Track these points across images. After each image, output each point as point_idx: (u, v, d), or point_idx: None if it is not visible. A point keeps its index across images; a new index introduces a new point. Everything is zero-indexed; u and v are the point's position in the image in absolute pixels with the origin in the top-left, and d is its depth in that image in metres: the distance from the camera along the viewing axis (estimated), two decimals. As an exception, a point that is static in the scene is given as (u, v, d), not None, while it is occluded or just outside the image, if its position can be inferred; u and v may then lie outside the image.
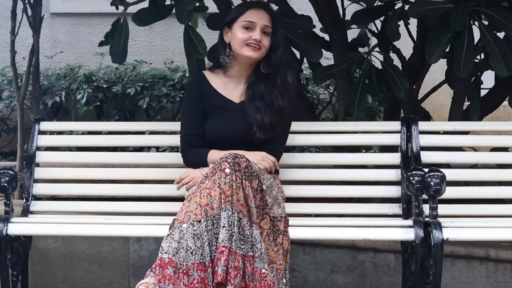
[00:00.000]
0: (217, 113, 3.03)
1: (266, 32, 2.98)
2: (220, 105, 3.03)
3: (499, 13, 3.27)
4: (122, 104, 5.54)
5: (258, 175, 2.71)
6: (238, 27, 2.98)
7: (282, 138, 3.09)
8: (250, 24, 2.97)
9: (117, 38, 3.52)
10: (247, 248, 2.60)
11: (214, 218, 2.61)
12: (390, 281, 3.59)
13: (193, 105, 3.06)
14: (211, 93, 3.05)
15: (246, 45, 2.97)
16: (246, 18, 2.98)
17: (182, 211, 2.65)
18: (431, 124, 3.81)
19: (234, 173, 2.63)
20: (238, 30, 2.98)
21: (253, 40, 2.95)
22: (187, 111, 3.10)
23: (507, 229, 2.94)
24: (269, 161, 2.94)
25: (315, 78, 3.70)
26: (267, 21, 2.98)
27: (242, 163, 2.67)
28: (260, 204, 2.70)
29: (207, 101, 3.04)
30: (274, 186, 2.85)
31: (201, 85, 3.08)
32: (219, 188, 2.62)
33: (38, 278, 3.77)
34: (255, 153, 2.91)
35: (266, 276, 2.60)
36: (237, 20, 2.99)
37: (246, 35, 2.96)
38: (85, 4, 6.44)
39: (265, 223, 2.71)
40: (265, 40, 2.98)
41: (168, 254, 2.55)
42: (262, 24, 2.97)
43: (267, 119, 2.96)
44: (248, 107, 2.99)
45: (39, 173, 3.38)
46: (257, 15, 2.98)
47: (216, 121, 3.02)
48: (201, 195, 2.64)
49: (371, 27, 4.15)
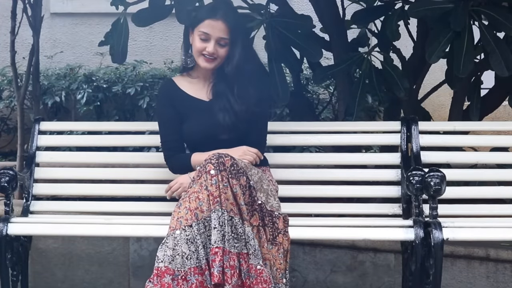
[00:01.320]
0: (191, 115, 3.05)
1: (222, 43, 2.98)
2: (192, 106, 3.06)
3: (499, 13, 3.26)
4: (122, 104, 5.54)
5: (245, 172, 2.71)
6: (197, 34, 3.00)
7: (262, 128, 3.10)
8: (205, 35, 2.98)
9: (117, 38, 3.53)
10: (241, 246, 2.61)
11: (205, 221, 2.63)
12: (390, 281, 3.59)
13: (166, 111, 3.09)
14: (181, 97, 3.08)
15: (201, 55, 2.99)
16: (202, 28, 2.98)
17: (174, 218, 2.67)
18: (431, 124, 3.81)
19: (219, 173, 2.64)
20: (196, 38, 3.01)
21: (206, 52, 2.98)
22: (161, 118, 3.13)
23: (507, 229, 2.94)
24: (251, 154, 2.95)
25: (315, 78, 3.70)
26: (223, 32, 2.97)
27: (227, 162, 2.68)
28: (249, 201, 2.70)
29: (179, 105, 3.07)
30: (264, 179, 2.85)
31: (170, 91, 3.11)
32: (207, 190, 2.64)
33: (38, 278, 3.77)
34: (236, 149, 2.93)
35: (261, 272, 2.61)
36: (196, 27, 3.01)
37: (201, 45, 2.98)
38: (85, 4, 6.44)
39: (254, 219, 2.71)
40: (220, 50, 2.99)
41: (164, 263, 2.57)
42: (217, 36, 2.97)
43: (228, 118, 2.97)
44: (214, 106, 3.02)
45: (39, 173, 3.38)
46: (212, 27, 2.97)
47: (192, 122, 3.04)
48: (190, 199, 2.67)
49: (371, 27, 4.14)
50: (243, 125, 3.00)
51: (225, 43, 2.99)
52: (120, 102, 5.54)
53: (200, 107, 3.06)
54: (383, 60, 3.66)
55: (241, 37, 3.04)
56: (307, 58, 3.64)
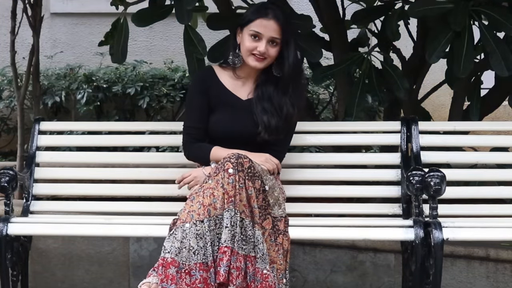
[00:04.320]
0: (223, 109, 3.02)
1: (274, 42, 2.96)
2: (226, 101, 3.03)
3: (499, 13, 3.26)
4: (122, 104, 5.54)
5: (260, 176, 2.72)
6: (247, 34, 2.97)
7: (286, 140, 3.10)
8: (257, 34, 2.95)
9: (117, 38, 3.52)
10: (249, 249, 2.60)
11: (217, 218, 2.61)
12: (390, 281, 3.59)
13: (198, 98, 3.04)
14: (218, 88, 3.04)
15: (251, 54, 2.96)
16: (253, 27, 2.95)
17: (185, 211, 2.65)
18: (431, 124, 3.81)
19: (237, 173, 2.64)
20: (246, 37, 2.97)
21: (257, 51, 2.94)
22: (191, 103, 3.08)
23: (507, 229, 2.94)
24: (272, 163, 2.94)
25: (315, 78, 3.70)
26: (275, 32, 2.95)
27: (245, 163, 2.67)
28: (262, 204, 2.70)
29: (213, 95, 3.03)
30: (275, 187, 2.85)
31: (208, 79, 3.06)
32: (222, 188, 2.63)
33: (38, 278, 3.77)
34: (259, 155, 2.92)
35: (267, 277, 2.61)
36: (247, 26, 2.97)
37: (252, 44, 2.95)
38: (85, 4, 6.43)
39: (267, 223, 2.71)
40: (271, 50, 2.96)
41: (171, 254, 2.56)
42: (269, 36, 2.94)
43: (273, 122, 2.96)
44: (255, 107, 2.99)
45: (39, 173, 3.38)
46: (264, 26, 2.94)
47: (221, 117, 3.01)
48: (204, 195, 2.65)
49: (371, 27, 4.14)
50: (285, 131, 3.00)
51: (277, 43, 2.96)
52: (120, 102, 5.54)
53: (234, 104, 3.02)
54: (383, 60, 3.66)
55: (292, 36, 3.02)
56: (307, 58, 3.63)
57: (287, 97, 2.99)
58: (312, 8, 4.05)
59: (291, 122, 3.02)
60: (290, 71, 2.98)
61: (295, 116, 3.00)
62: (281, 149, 3.05)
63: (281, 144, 3.05)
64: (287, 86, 2.99)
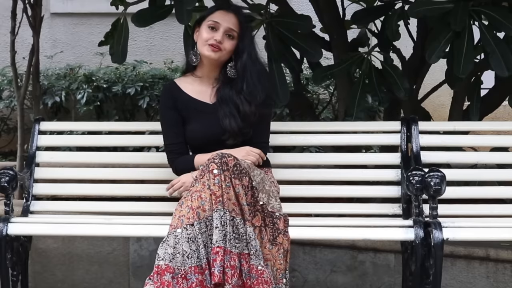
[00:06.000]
0: (194, 117, 3.04)
1: (231, 35, 2.99)
2: (195, 108, 3.05)
3: (499, 13, 3.26)
4: (122, 104, 5.55)
5: (247, 172, 2.72)
6: (205, 26, 3.01)
7: (264, 129, 3.10)
8: (215, 24, 2.98)
9: (117, 38, 3.53)
10: (242, 246, 2.61)
11: (207, 220, 2.63)
12: (390, 281, 3.59)
13: (169, 114, 3.08)
14: (184, 99, 3.07)
15: (207, 44, 2.98)
16: (212, 18, 3.00)
17: (175, 216, 2.67)
18: (431, 124, 3.81)
19: (222, 173, 2.65)
20: (204, 29, 3.01)
21: (213, 41, 2.96)
22: (164, 121, 3.12)
23: (507, 229, 2.94)
24: (254, 154, 2.95)
25: (315, 78, 3.70)
26: (233, 24, 2.99)
27: (230, 162, 2.68)
28: (251, 201, 2.70)
29: (182, 107, 3.06)
30: (266, 180, 2.85)
31: (173, 93, 3.10)
32: (209, 190, 2.64)
33: (38, 278, 3.77)
34: (239, 150, 2.93)
35: (262, 272, 2.61)
36: (205, 19, 3.02)
37: (209, 35, 2.98)
38: (85, 4, 6.44)
39: (256, 220, 2.71)
40: (227, 43, 2.99)
41: (165, 261, 2.57)
42: (227, 26, 2.98)
43: (235, 124, 2.96)
44: (219, 111, 3.01)
45: (39, 173, 3.38)
46: (223, 17, 3.00)
47: (195, 125, 3.04)
48: (192, 198, 2.67)
49: (371, 27, 4.14)
50: (249, 129, 2.99)
51: (233, 36, 2.99)
52: (120, 102, 5.54)
53: (204, 110, 3.04)
54: (383, 60, 3.66)
55: (249, 33, 3.05)
56: (307, 58, 3.64)
57: (242, 95, 2.99)
58: (312, 8, 4.05)
59: (251, 119, 2.98)
60: (243, 68, 2.99)
61: (253, 114, 2.98)
62: (262, 139, 3.06)
63: (260, 135, 3.06)
64: (242, 84, 3.00)
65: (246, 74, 3.00)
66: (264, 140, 3.08)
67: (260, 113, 3.00)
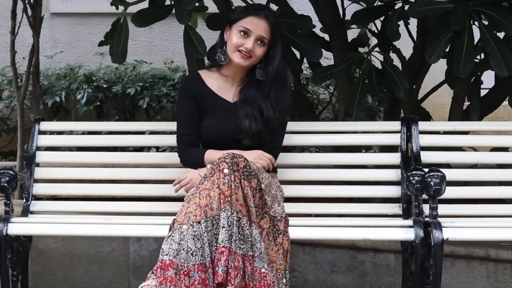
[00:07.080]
0: (212, 113, 3.03)
1: (262, 41, 2.96)
2: (215, 105, 3.03)
3: (499, 13, 3.26)
4: (122, 104, 5.55)
5: (256, 174, 2.72)
6: (236, 30, 2.96)
7: (280, 136, 3.09)
8: (246, 30, 2.94)
9: (117, 38, 3.52)
10: (246, 248, 2.60)
11: (214, 219, 2.61)
12: (390, 281, 3.59)
13: (188, 105, 3.05)
14: (206, 93, 3.05)
15: (237, 50, 2.95)
16: (244, 24, 2.95)
17: (182, 213, 2.65)
18: (431, 124, 3.81)
19: (232, 173, 2.63)
20: (234, 33, 2.96)
21: (244, 48, 2.94)
22: (181, 111, 3.10)
23: (507, 229, 2.94)
24: (265, 159, 2.94)
25: (315, 78, 3.70)
26: (264, 32, 2.95)
27: (241, 162, 2.67)
28: (259, 203, 2.70)
29: (202, 101, 3.04)
30: (272, 184, 2.85)
31: (195, 85, 3.07)
32: (218, 189, 2.63)
33: (38, 278, 3.77)
34: (252, 152, 2.92)
35: (266, 275, 2.60)
36: (237, 22, 2.97)
37: (240, 40, 2.94)
38: (85, 4, 6.43)
39: (264, 222, 2.71)
40: (258, 49, 2.95)
41: (169, 256, 2.56)
42: (258, 34, 2.94)
43: (255, 126, 2.95)
44: (239, 111, 2.99)
45: (39, 173, 3.38)
46: (255, 24, 2.94)
47: (212, 121, 3.02)
48: (200, 196, 2.65)
49: (371, 27, 4.14)
50: (268, 134, 2.98)
51: (265, 43, 2.96)
52: (120, 102, 5.54)
53: (223, 107, 3.03)
54: (383, 60, 3.66)
55: (280, 42, 3.01)
56: (307, 58, 3.64)
57: (268, 101, 2.98)
58: (312, 8, 4.05)
59: (273, 125, 2.99)
60: (273, 74, 2.97)
61: (276, 120, 2.98)
62: (275, 145, 3.05)
63: (275, 140, 3.05)
64: (269, 89, 2.98)
65: (275, 80, 2.98)
66: (276, 147, 3.07)
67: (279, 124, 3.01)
